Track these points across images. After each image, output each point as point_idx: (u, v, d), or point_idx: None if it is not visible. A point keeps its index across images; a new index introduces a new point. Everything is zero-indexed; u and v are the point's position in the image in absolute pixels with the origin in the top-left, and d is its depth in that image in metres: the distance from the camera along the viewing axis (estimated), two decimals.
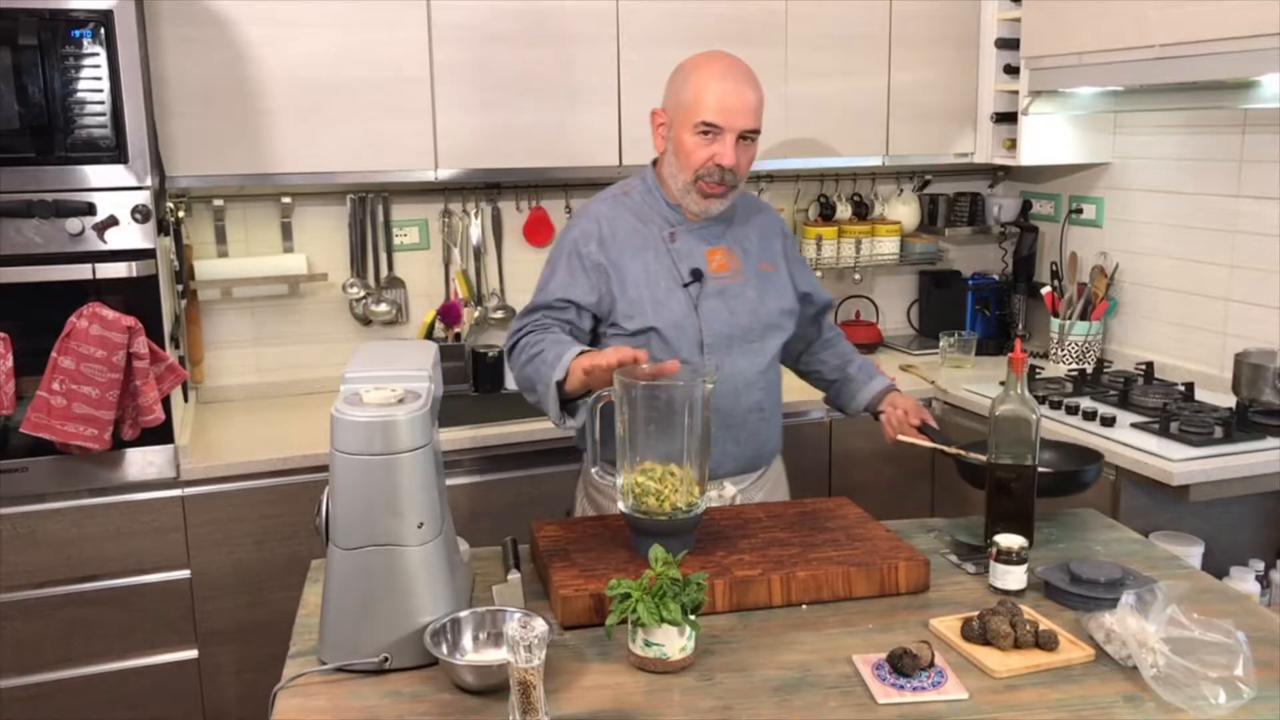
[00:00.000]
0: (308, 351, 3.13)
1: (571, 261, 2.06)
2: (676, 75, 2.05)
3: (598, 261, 2.04)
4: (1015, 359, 1.85)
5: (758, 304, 2.10)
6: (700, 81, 1.98)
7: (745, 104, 1.98)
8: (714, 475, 2.09)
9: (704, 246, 2.08)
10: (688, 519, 1.71)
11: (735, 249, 2.11)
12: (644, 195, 2.11)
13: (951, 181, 3.71)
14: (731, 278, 2.08)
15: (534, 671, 1.29)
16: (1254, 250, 2.88)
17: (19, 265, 2.29)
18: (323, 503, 1.51)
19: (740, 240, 2.13)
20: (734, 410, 2.07)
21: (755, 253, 2.14)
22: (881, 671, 1.45)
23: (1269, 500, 2.56)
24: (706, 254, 2.08)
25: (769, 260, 2.16)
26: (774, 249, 2.19)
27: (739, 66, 2.02)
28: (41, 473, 2.38)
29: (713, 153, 1.98)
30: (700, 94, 1.97)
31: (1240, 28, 2.43)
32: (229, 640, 2.57)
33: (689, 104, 1.98)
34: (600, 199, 2.13)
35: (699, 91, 1.97)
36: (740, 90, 1.98)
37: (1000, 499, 1.85)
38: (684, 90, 2.00)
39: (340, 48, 2.72)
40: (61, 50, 2.25)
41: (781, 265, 2.19)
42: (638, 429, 1.71)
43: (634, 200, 2.10)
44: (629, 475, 1.72)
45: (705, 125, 1.96)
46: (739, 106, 1.97)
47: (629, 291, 2.03)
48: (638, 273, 2.04)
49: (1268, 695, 1.40)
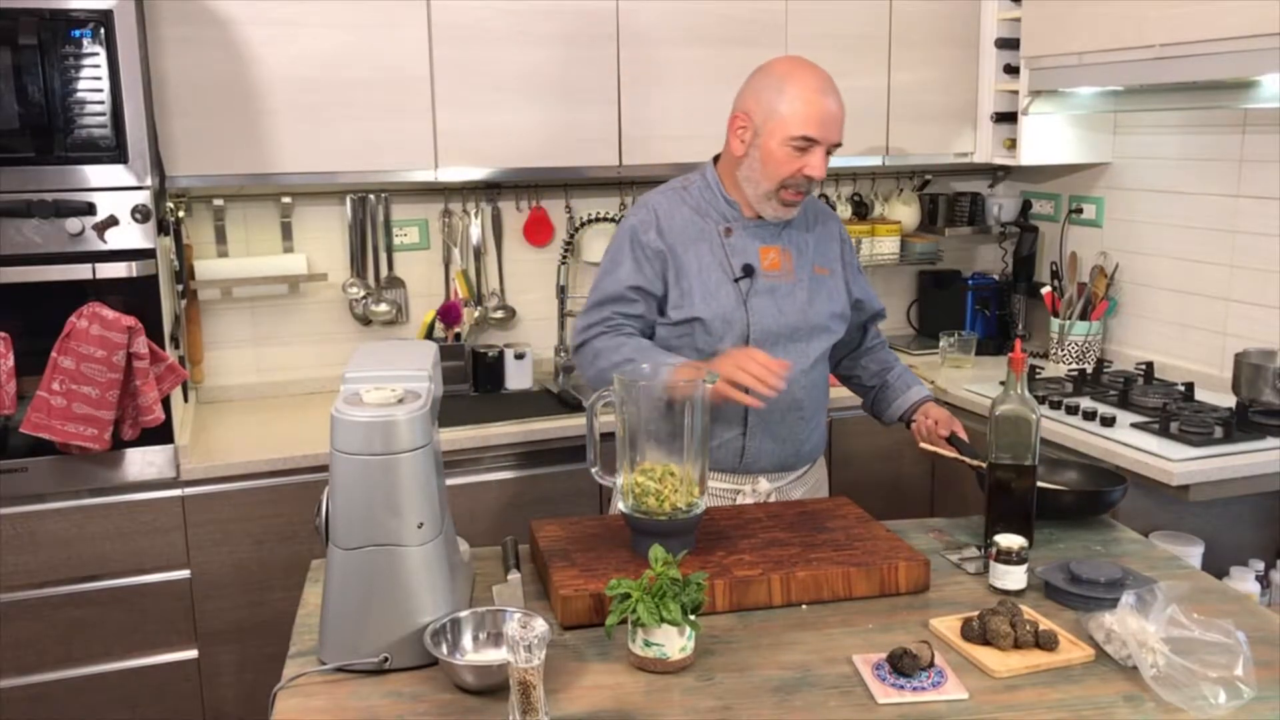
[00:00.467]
0: (308, 351, 3.13)
1: (635, 250, 2.07)
2: (767, 82, 2.02)
3: (658, 249, 2.05)
4: (1015, 359, 1.85)
5: (806, 305, 2.10)
6: (800, 94, 1.97)
7: (839, 118, 2.01)
8: (749, 471, 2.12)
9: (758, 244, 2.09)
10: (688, 519, 1.71)
11: (790, 249, 2.11)
12: (702, 190, 2.12)
13: (951, 181, 3.71)
14: (782, 277, 2.09)
15: (534, 671, 1.29)
16: (1254, 250, 2.88)
17: (19, 265, 2.29)
18: (323, 503, 1.51)
19: (796, 241, 2.13)
20: (773, 408, 2.05)
21: (811, 255, 2.14)
22: (881, 671, 1.45)
23: (1269, 500, 2.56)
24: (760, 251, 2.08)
25: (825, 264, 2.17)
26: (831, 253, 2.19)
27: (829, 78, 2.02)
28: (41, 473, 2.38)
29: (803, 164, 1.99)
30: (800, 107, 1.97)
31: (1240, 28, 2.43)
32: (229, 640, 2.57)
33: (786, 116, 1.98)
34: (658, 191, 2.15)
35: (799, 105, 1.97)
36: (837, 104, 2.00)
37: (1000, 499, 1.84)
38: (779, 101, 1.98)
39: (340, 48, 2.72)
40: (61, 50, 2.25)
41: (838, 270, 2.20)
42: (638, 429, 1.71)
43: (692, 194, 2.12)
44: (629, 475, 1.72)
45: (804, 140, 1.97)
46: (835, 121, 2.00)
47: (681, 281, 2.05)
48: (691, 264, 2.05)
49: (1268, 695, 1.40)
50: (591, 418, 1.81)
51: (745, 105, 2.04)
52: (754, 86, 2.05)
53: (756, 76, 2.06)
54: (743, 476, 2.12)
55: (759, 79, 2.05)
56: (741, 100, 2.06)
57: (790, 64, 2.04)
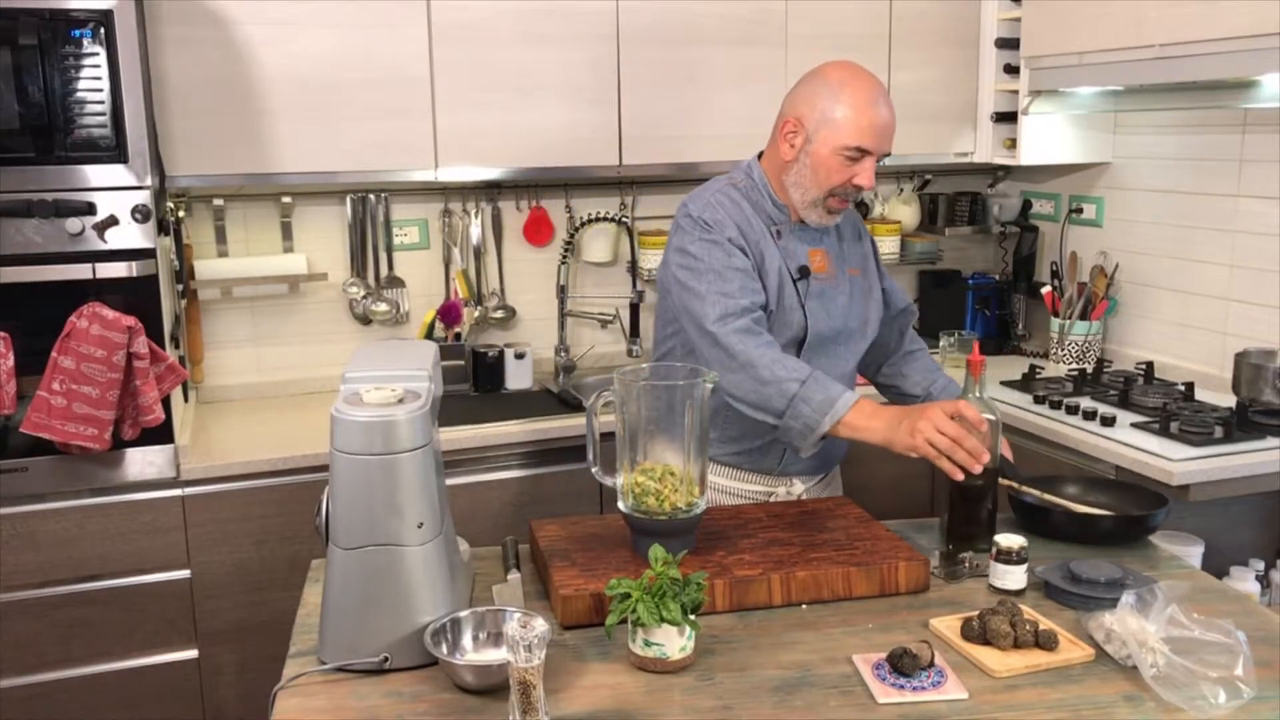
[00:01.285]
0: (308, 351, 3.13)
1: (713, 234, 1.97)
2: (821, 89, 1.97)
3: (739, 243, 1.98)
4: (973, 361, 1.81)
5: (848, 309, 2.09)
6: (854, 103, 1.93)
7: (892, 127, 1.98)
8: (787, 473, 2.12)
9: (806, 247, 2.06)
10: (688, 519, 1.71)
11: (831, 252, 2.10)
12: (749, 191, 2.06)
13: (951, 181, 3.71)
14: (828, 280, 2.07)
15: (534, 671, 1.29)
16: (1254, 250, 2.88)
17: (19, 265, 2.29)
18: (323, 503, 1.51)
19: (831, 245, 2.11)
20: None
21: (844, 256, 2.13)
22: (881, 671, 1.45)
23: (1269, 500, 2.56)
24: (809, 254, 2.06)
25: (856, 264, 2.15)
26: (859, 252, 2.17)
27: (882, 87, 1.99)
28: (41, 473, 2.38)
29: (854, 173, 1.96)
30: (855, 117, 1.93)
31: (1240, 28, 2.43)
32: (229, 640, 2.57)
33: (839, 124, 1.94)
34: (710, 190, 2.06)
35: (854, 114, 1.93)
36: (890, 114, 1.97)
37: (961, 505, 1.80)
38: (833, 108, 1.94)
39: (340, 47, 2.72)
40: (61, 50, 2.25)
41: (870, 268, 2.18)
42: (638, 429, 1.71)
43: (741, 193, 2.06)
44: (629, 475, 1.72)
45: (858, 150, 1.94)
46: (888, 131, 1.97)
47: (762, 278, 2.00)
48: (763, 260, 2.00)
49: (1268, 695, 1.40)
50: (592, 417, 1.80)
51: (798, 110, 1.99)
52: (807, 92, 1.99)
53: (810, 82, 2.00)
54: (779, 478, 2.13)
55: (813, 85, 1.99)
56: (793, 105, 2.01)
57: (847, 71, 1.99)
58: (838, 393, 1.84)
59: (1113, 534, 1.89)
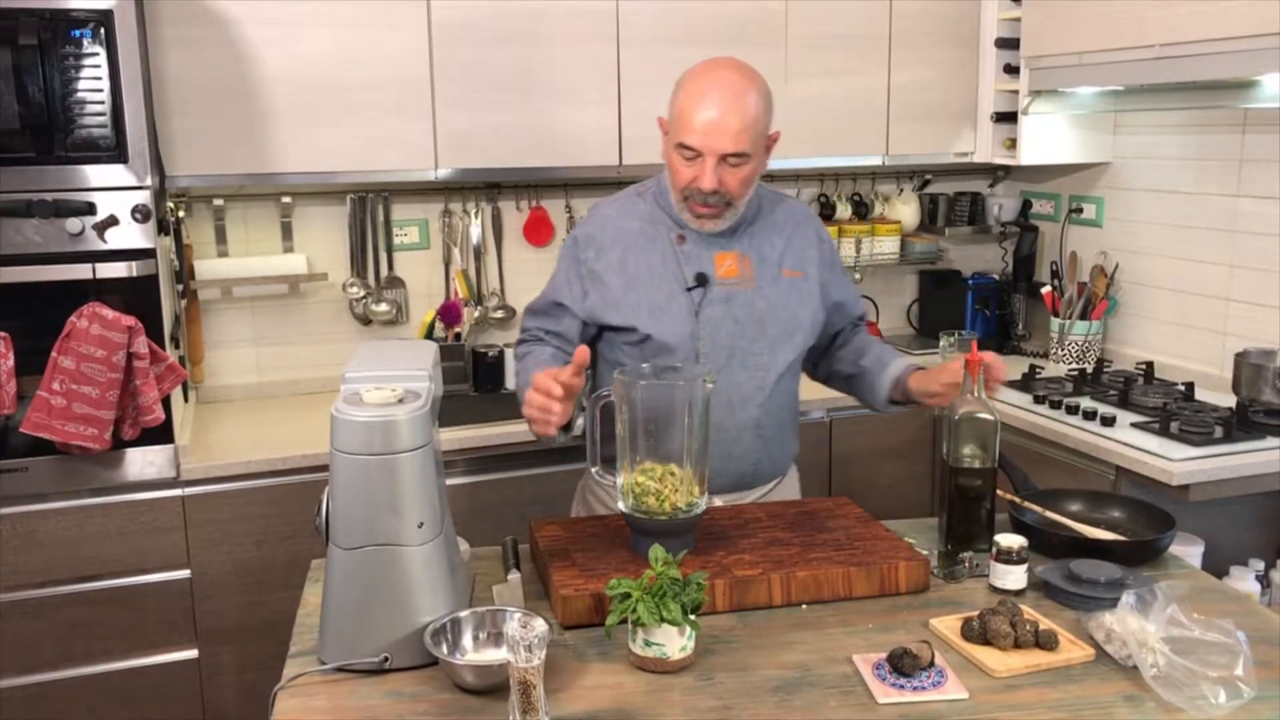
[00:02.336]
0: (308, 351, 3.13)
1: (571, 265, 2.04)
2: (676, 86, 1.94)
3: (593, 269, 2.00)
4: (971, 361, 1.80)
5: (767, 314, 2.00)
6: (685, 99, 1.88)
7: (726, 129, 1.85)
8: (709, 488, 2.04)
9: (714, 251, 2.00)
10: (688, 519, 1.71)
11: (751, 255, 2.01)
12: (657, 197, 2.04)
13: (951, 181, 3.71)
14: (740, 284, 1.99)
15: (534, 671, 1.29)
16: (1254, 250, 2.88)
17: (19, 265, 2.29)
18: (323, 503, 1.51)
19: (759, 246, 2.03)
20: (727, 426, 1.99)
21: (778, 259, 2.03)
22: (881, 671, 1.45)
23: (1269, 500, 2.56)
24: (716, 258, 1.99)
25: (798, 266, 2.06)
26: (807, 255, 2.08)
27: (730, 82, 1.88)
28: (41, 473, 2.38)
29: (694, 175, 1.90)
30: (684, 113, 1.88)
31: (1240, 28, 2.43)
32: (229, 640, 2.57)
33: (674, 121, 1.91)
34: (610, 200, 2.09)
35: (683, 110, 1.88)
36: (726, 111, 1.85)
37: (961, 505, 1.80)
38: (674, 104, 1.91)
39: (340, 48, 2.72)
40: (61, 50, 2.25)
41: (813, 272, 2.07)
42: (638, 429, 1.71)
43: (646, 202, 2.04)
44: (629, 475, 1.72)
45: (685, 147, 1.88)
46: (718, 131, 1.85)
47: (630, 296, 1.98)
48: (641, 276, 1.98)
49: (1268, 695, 1.40)
50: (592, 417, 1.80)
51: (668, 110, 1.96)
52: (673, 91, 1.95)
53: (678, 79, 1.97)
54: None
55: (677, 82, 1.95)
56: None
57: (697, 67, 1.93)
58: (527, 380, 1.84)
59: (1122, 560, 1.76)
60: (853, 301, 2.19)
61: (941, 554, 1.82)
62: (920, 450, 3.12)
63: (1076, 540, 1.83)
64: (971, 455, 1.79)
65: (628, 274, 1.99)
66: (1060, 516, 1.90)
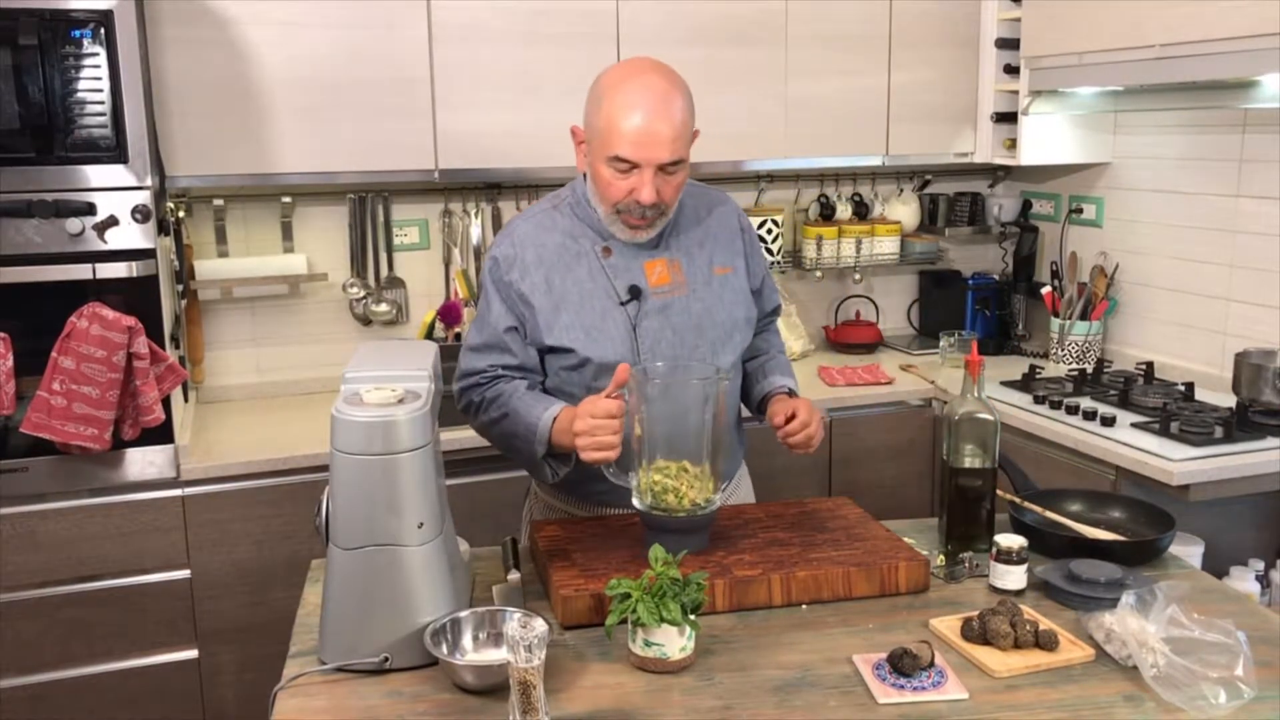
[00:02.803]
0: (308, 351, 3.13)
1: (499, 290, 1.90)
2: (591, 93, 1.83)
3: (520, 291, 1.87)
4: (971, 361, 1.79)
5: (704, 317, 1.91)
6: (612, 109, 1.76)
7: (660, 137, 1.75)
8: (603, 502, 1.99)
9: (642, 260, 1.89)
10: (706, 515, 1.73)
11: (680, 258, 1.91)
12: (574, 208, 1.92)
13: (951, 181, 3.71)
14: (673, 290, 1.89)
15: (534, 671, 1.29)
16: (1254, 250, 2.88)
17: (19, 265, 2.29)
18: (323, 503, 1.51)
19: (686, 247, 1.93)
20: None
21: (707, 255, 1.94)
22: (881, 671, 1.45)
23: (1269, 500, 2.56)
24: (645, 267, 1.89)
25: (726, 261, 1.96)
26: (732, 247, 1.98)
27: (656, 88, 1.78)
28: (41, 473, 2.38)
29: (631, 187, 1.79)
30: (611, 124, 1.76)
31: (1240, 28, 2.43)
32: (229, 640, 2.57)
33: (602, 133, 1.78)
34: (526, 215, 1.96)
35: (610, 121, 1.76)
36: (654, 122, 1.75)
37: (961, 505, 1.80)
38: (597, 116, 1.79)
39: (340, 48, 2.72)
40: (61, 50, 2.25)
41: (740, 265, 1.98)
42: (654, 427, 1.72)
43: (564, 214, 1.92)
44: (645, 474, 1.72)
45: (621, 161, 1.77)
46: (653, 140, 1.75)
47: (561, 317, 1.86)
48: (571, 295, 1.86)
49: (1268, 695, 1.40)
50: None
51: (583, 118, 1.84)
52: (587, 100, 1.84)
53: (591, 88, 1.85)
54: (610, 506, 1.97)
55: (590, 90, 1.84)
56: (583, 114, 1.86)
57: (616, 72, 1.83)
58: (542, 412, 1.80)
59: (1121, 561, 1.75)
60: (769, 292, 2.11)
61: (943, 554, 1.82)
62: (920, 450, 3.12)
63: (1076, 540, 1.82)
64: (971, 455, 1.79)
65: (555, 294, 1.87)
66: (1060, 516, 1.90)
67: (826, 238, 3.48)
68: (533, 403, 1.85)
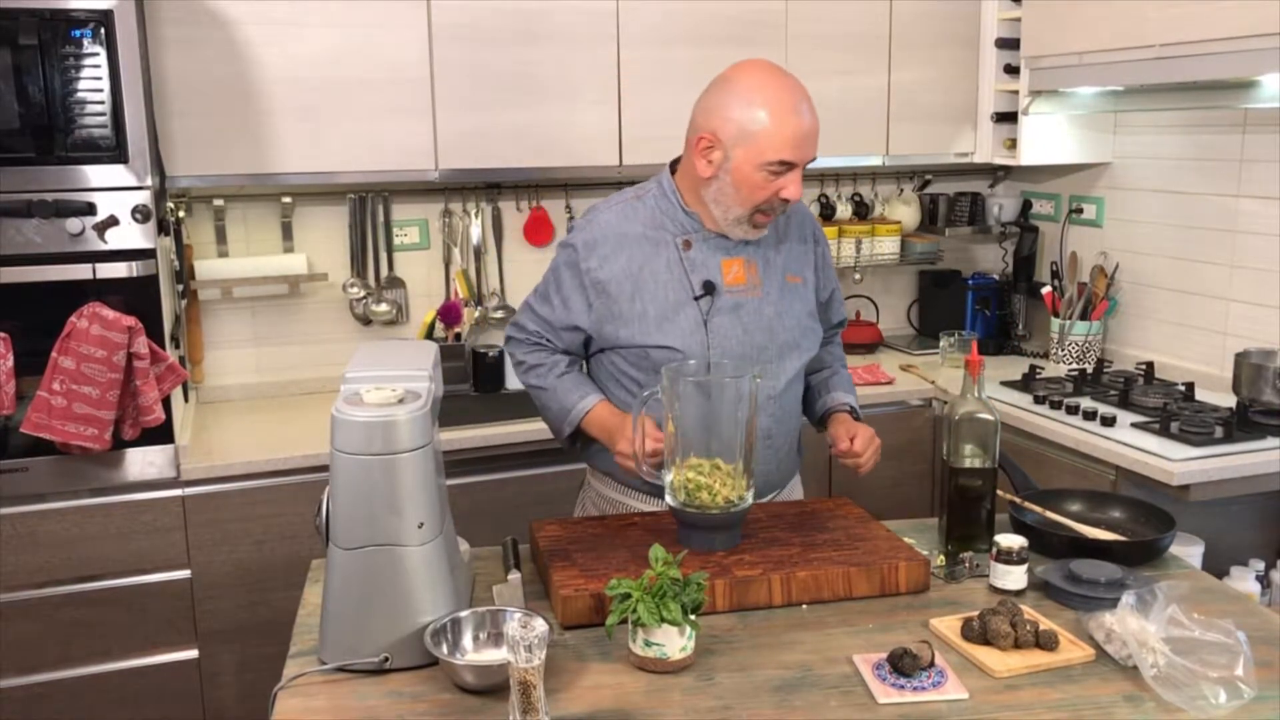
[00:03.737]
0: (308, 351, 3.13)
1: (572, 275, 1.94)
2: (734, 99, 1.83)
3: (597, 279, 1.92)
4: (971, 361, 1.80)
5: (775, 321, 1.95)
6: (775, 115, 1.80)
7: (815, 133, 1.85)
8: None
9: (720, 257, 1.93)
10: (738, 512, 1.74)
11: (756, 260, 1.95)
12: (658, 201, 1.96)
13: (951, 181, 3.71)
14: (748, 292, 1.93)
15: (534, 671, 1.29)
16: (1254, 250, 2.88)
17: (19, 265, 2.29)
18: (323, 503, 1.51)
19: (764, 251, 1.96)
20: None
21: (781, 264, 1.99)
22: (882, 671, 1.45)
23: (1269, 500, 2.56)
24: (723, 264, 1.93)
25: (798, 271, 2.01)
26: (805, 258, 2.04)
27: (796, 88, 1.84)
28: (41, 473, 2.38)
29: (780, 186, 1.83)
30: (777, 129, 1.80)
31: (1240, 28, 2.43)
32: (229, 640, 2.57)
33: (760, 137, 1.80)
34: (609, 204, 1.99)
35: (775, 127, 1.80)
36: (812, 119, 1.84)
37: (961, 505, 1.80)
38: (751, 120, 1.80)
39: (340, 48, 2.72)
40: (61, 50, 2.25)
41: (810, 277, 2.04)
42: (688, 425, 1.72)
43: (647, 206, 1.96)
44: (679, 471, 1.73)
45: (782, 164, 1.81)
46: (812, 139, 1.85)
47: (635, 306, 1.90)
48: (646, 284, 1.91)
49: (1268, 695, 1.40)
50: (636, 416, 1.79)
51: (711, 124, 1.84)
52: (719, 103, 1.85)
53: (721, 91, 1.86)
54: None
55: (724, 95, 1.85)
56: (706, 117, 1.86)
57: (759, 77, 1.84)
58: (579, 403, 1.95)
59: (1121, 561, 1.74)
60: (836, 305, 2.16)
61: (943, 554, 1.82)
62: (920, 450, 3.12)
63: (1076, 540, 1.82)
64: (971, 455, 1.79)
65: (634, 282, 1.91)
66: (1060, 516, 1.90)
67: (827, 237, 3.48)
68: (572, 387, 1.98)
